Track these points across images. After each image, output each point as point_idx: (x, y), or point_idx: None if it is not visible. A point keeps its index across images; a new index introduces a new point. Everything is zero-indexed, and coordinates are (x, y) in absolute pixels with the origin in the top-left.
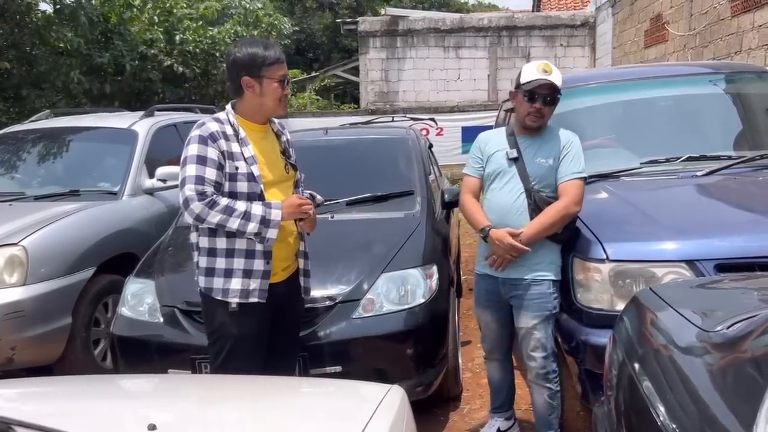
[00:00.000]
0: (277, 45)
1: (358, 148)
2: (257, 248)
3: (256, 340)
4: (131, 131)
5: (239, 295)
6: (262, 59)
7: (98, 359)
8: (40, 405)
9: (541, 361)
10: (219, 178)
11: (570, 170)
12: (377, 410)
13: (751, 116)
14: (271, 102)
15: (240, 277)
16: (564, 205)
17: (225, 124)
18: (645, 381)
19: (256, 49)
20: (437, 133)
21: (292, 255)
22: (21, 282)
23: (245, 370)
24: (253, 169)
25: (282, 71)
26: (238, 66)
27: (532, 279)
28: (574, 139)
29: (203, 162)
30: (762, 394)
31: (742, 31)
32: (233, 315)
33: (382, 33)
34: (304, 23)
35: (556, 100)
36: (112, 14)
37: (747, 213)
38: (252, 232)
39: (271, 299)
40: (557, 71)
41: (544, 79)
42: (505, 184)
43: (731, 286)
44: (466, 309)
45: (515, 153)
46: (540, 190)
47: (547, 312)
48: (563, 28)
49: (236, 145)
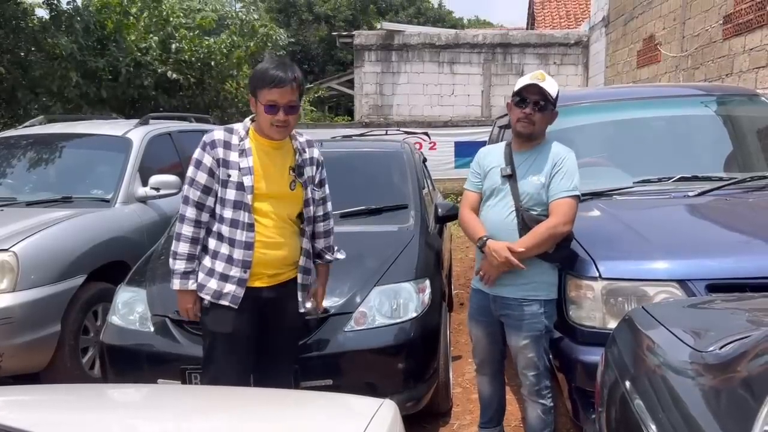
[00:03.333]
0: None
1: (353, 160)
2: (236, 256)
3: (232, 341)
4: (125, 139)
5: (212, 295)
6: (259, 81)
7: (86, 368)
8: (27, 414)
9: (533, 379)
10: (209, 183)
11: (560, 188)
12: (369, 425)
13: (742, 138)
14: (263, 124)
15: (217, 279)
16: (552, 225)
17: (234, 133)
18: (637, 399)
19: (264, 68)
20: (430, 148)
21: (284, 265)
22: (10, 288)
23: (228, 371)
24: (245, 179)
25: (271, 96)
26: (250, 82)
27: (522, 298)
28: (568, 155)
29: (198, 165)
30: (754, 416)
31: (733, 53)
32: (207, 311)
33: (377, 47)
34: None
35: (547, 108)
36: (108, 22)
37: (738, 234)
38: (170, 264)
39: (254, 302)
40: (552, 81)
41: (534, 83)
42: (498, 201)
43: (723, 307)
44: (458, 324)
45: (509, 170)
46: (530, 209)
47: (537, 332)
48: (557, 47)
49: (235, 155)
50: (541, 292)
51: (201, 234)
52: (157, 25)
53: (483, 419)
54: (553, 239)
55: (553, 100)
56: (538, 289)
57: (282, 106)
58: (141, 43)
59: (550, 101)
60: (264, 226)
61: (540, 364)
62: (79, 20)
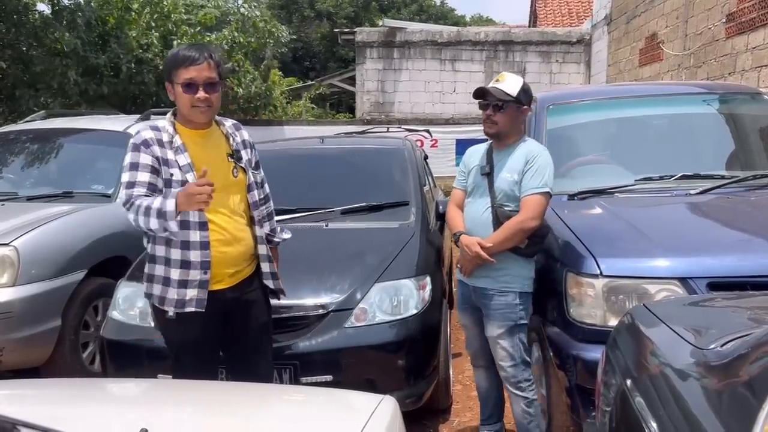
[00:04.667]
0: (207, 48)
1: (354, 157)
2: (192, 258)
3: (200, 347)
4: (127, 134)
5: (175, 305)
6: (172, 62)
7: (87, 363)
8: (27, 408)
9: (510, 370)
10: (154, 180)
11: (530, 185)
12: (369, 421)
13: (744, 137)
14: (184, 108)
15: (176, 287)
16: (520, 220)
17: (162, 131)
18: (637, 397)
19: (175, 51)
20: (431, 145)
21: (243, 260)
22: (11, 283)
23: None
24: (188, 176)
25: (187, 74)
26: (164, 69)
27: (498, 290)
28: (541, 153)
29: (135, 167)
30: (755, 414)
31: (736, 52)
32: (171, 322)
33: (379, 44)
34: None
35: (507, 107)
36: (110, 17)
37: (739, 232)
38: (155, 227)
39: (219, 305)
40: (513, 79)
41: (489, 87)
42: (477, 198)
43: (724, 305)
44: (458, 321)
45: (487, 168)
46: (504, 205)
47: (511, 322)
48: (559, 45)
49: (171, 153)
50: (515, 284)
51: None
52: (158, 21)
53: (483, 416)
54: (522, 233)
55: (514, 98)
56: (512, 282)
57: (201, 84)
58: (142, 39)
59: (509, 99)
60: (217, 224)
61: (516, 354)
62: (80, 16)
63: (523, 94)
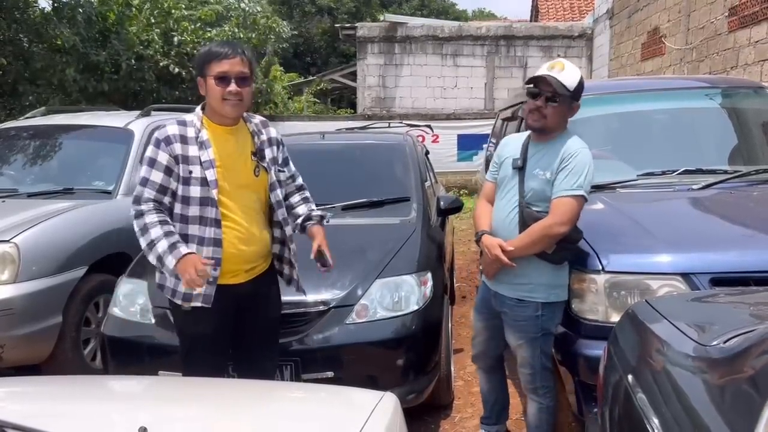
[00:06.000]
0: (239, 44)
1: (355, 153)
2: (204, 254)
3: (213, 341)
4: (127, 130)
5: (183, 298)
6: (206, 57)
7: (88, 359)
8: (28, 405)
9: (527, 377)
10: (165, 182)
11: (563, 186)
12: (370, 417)
13: (747, 131)
14: (214, 102)
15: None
16: (548, 224)
17: (188, 126)
18: (639, 393)
19: (208, 47)
20: (433, 141)
21: (259, 257)
22: (12, 279)
23: (208, 371)
24: (208, 173)
25: (220, 67)
26: (195, 67)
27: (518, 299)
28: (580, 151)
29: (152, 164)
30: (759, 411)
31: (738, 46)
32: (187, 315)
33: (380, 39)
34: (302, 27)
35: (560, 101)
36: (110, 13)
37: (742, 228)
38: (150, 260)
39: (233, 299)
40: (572, 71)
41: (546, 74)
42: (506, 193)
43: (727, 301)
44: (459, 317)
45: (520, 162)
46: (532, 205)
47: (532, 335)
48: (561, 39)
49: (194, 149)
50: (538, 294)
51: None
52: (158, 17)
53: (484, 414)
54: (548, 239)
55: (571, 92)
56: (535, 291)
57: (233, 77)
58: (143, 36)
59: (566, 93)
60: (234, 221)
61: (536, 363)
62: (81, 12)
63: (579, 88)
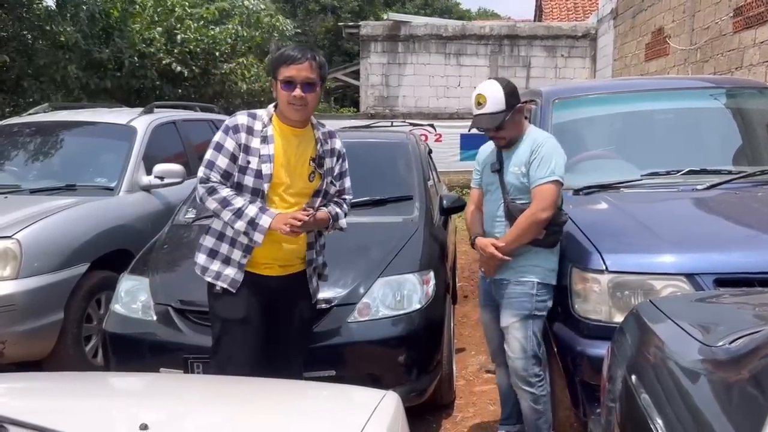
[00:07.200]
0: (311, 49)
1: (358, 151)
2: (240, 239)
3: (242, 328)
4: (130, 127)
5: (213, 276)
6: (277, 60)
7: (89, 356)
8: (29, 401)
9: (519, 363)
10: (230, 168)
11: (538, 175)
12: (372, 416)
13: (752, 131)
14: (281, 104)
15: (220, 260)
16: (531, 213)
17: (257, 119)
18: (643, 394)
19: (282, 50)
20: (436, 140)
21: (294, 257)
22: (13, 275)
23: (237, 357)
24: (264, 167)
25: (288, 72)
26: (270, 65)
27: (516, 280)
28: (545, 141)
29: (219, 149)
30: (765, 412)
31: (743, 47)
32: (218, 297)
33: (383, 38)
34: (306, 25)
35: (506, 119)
36: (113, 11)
37: (746, 228)
38: (239, 229)
39: (264, 291)
40: (492, 92)
41: (478, 114)
42: (491, 195)
43: (731, 301)
44: (462, 316)
45: (497, 165)
46: (516, 199)
47: (525, 311)
48: (564, 39)
49: (257, 141)
50: (533, 275)
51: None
52: (162, 15)
53: (503, 415)
54: (536, 226)
55: (506, 108)
56: (530, 272)
57: (299, 83)
58: (146, 33)
59: (503, 113)
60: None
61: (528, 347)
62: (84, 9)
63: (510, 97)
